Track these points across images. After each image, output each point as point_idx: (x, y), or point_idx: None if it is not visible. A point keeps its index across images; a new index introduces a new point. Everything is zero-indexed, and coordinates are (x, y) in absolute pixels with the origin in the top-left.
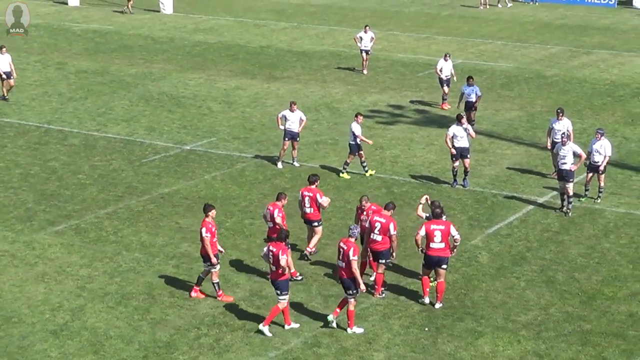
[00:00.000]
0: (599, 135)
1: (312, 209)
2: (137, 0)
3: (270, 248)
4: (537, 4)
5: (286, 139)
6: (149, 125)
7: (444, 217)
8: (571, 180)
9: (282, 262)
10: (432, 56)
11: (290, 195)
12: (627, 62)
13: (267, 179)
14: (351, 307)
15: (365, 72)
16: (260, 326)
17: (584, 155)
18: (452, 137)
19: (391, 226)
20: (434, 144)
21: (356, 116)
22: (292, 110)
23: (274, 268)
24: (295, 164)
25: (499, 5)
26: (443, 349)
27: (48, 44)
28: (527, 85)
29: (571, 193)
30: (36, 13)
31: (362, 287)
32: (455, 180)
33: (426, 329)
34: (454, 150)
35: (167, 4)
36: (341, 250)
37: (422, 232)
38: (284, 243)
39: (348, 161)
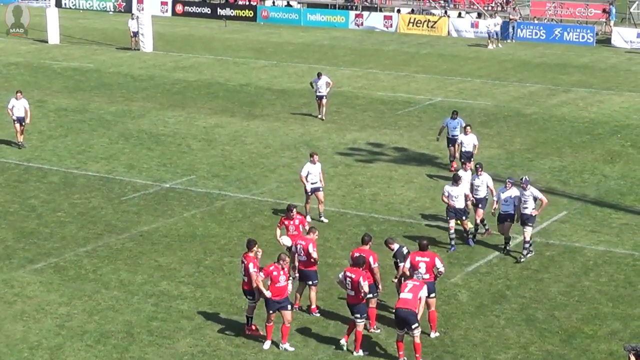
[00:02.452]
0: (509, 185)
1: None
2: (117, 39)
3: (348, 274)
4: (514, 41)
5: (309, 194)
6: (129, 163)
7: None
8: (530, 224)
9: (365, 288)
10: (411, 94)
11: (269, 232)
12: (605, 100)
13: (246, 217)
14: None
15: (320, 117)
16: (355, 353)
17: (545, 200)
18: (448, 196)
19: (371, 259)
20: (414, 182)
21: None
22: (313, 162)
23: (352, 293)
24: (324, 219)
25: (499, 46)
26: None
27: (28, 82)
28: (506, 123)
29: (528, 238)
30: (16, 51)
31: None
32: (452, 245)
33: None
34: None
35: (147, 42)
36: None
37: (408, 264)
38: (361, 268)
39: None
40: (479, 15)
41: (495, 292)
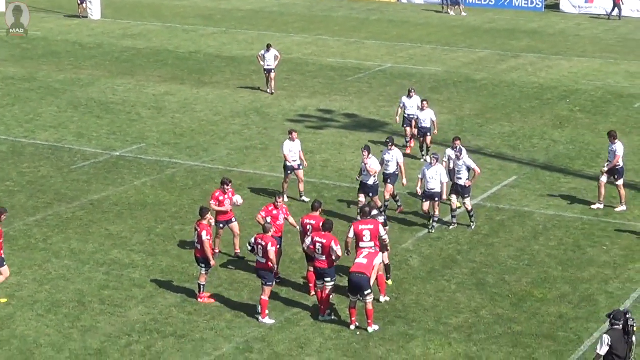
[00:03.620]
0: (434, 161)
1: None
2: (64, 6)
3: (318, 240)
4: (463, 7)
5: (288, 172)
6: (78, 131)
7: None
8: (467, 195)
9: (339, 252)
10: (361, 60)
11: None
12: (554, 66)
13: (197, 184)
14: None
15: (270, 91)
16: (320, 317)
17: (478, 171)
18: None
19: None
20: None
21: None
22: (292, 140)
23: (323, 258)
24: (304, 198)
25: (452, 13)
26: (375, 352)
27: None
28: (456, 89)
29: (470, 208)
30: None
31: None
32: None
33: (357, 332)
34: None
35: (95, 9)
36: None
37: (351, 234)
38: (330, 233)
39: None
40: None
41: (446, 257)
